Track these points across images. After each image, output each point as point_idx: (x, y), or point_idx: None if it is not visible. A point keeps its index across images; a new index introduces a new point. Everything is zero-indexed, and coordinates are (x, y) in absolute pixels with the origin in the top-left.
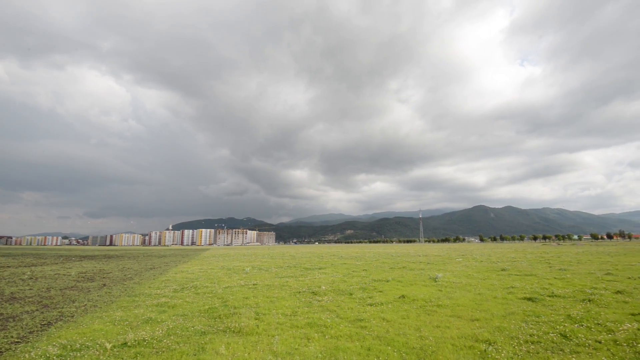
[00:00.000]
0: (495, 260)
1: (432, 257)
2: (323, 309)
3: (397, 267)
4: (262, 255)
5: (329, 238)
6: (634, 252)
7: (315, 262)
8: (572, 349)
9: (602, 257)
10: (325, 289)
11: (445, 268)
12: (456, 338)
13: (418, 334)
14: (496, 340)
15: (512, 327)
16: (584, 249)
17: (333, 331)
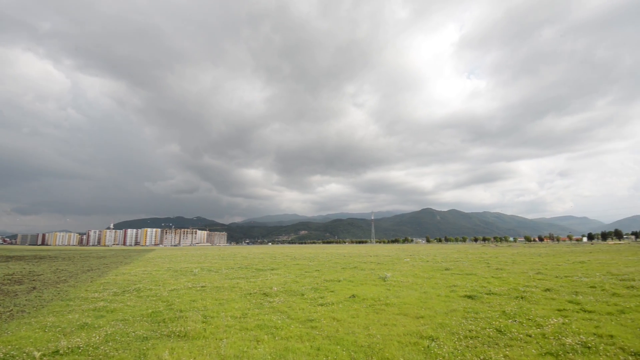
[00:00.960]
0: (440, 260)
1: (382, 258)
2: (274, 310)
3: (348, 268)
4: (212, 256)
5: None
6: (560, 254)
7: (267, 263)
8: (506, 343)
9: (533, 257)
10: (277, 290)
11: (394, 268)
12: (402, 335)
13: (367, 332)
14: (439, 336)
15: (454, 324)
16: (519, 250)
17: (283, 332)
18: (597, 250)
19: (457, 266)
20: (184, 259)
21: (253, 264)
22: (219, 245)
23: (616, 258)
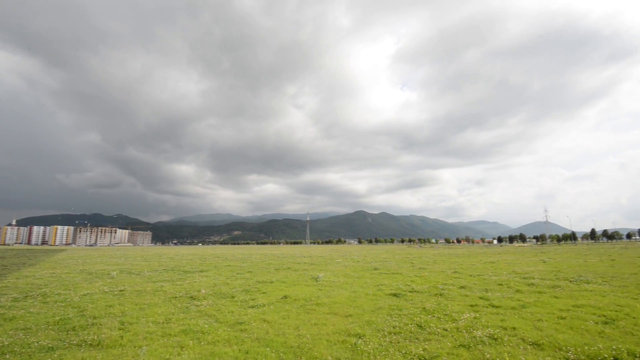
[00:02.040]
0: (370, 260)
1: (316, 258)
2: (201, 314)
3: (282, 268)
4: (134, 257)
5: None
6: (474, 254)
7: (196, 264)
8: (425, 337)
9: (452, 258)
10: (205, 293)
11: (327, 268)
12: (331, 334)
13: (297, 332)
14: (365, 333)
15: (379, 321)
16: (439, 251)
17: (210, 337)
18: (504, 252)
19: (385, 266)
20: (100, 260)
21: (180, 266)
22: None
23: (520, 259)
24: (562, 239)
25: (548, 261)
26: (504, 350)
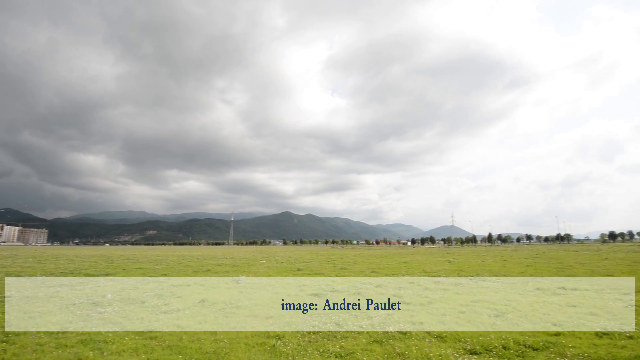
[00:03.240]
0: (294, 261)
1: (239, 260)
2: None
3: (201, 271)
4: (25, 258)
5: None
6: (391, 255)
7: (101, 267)
8: (342, 335)
9: (370, 258)
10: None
11: (250, 270)
12: (250, 337)
13: (214, 337)
14: (285, 334)
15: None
16: (360, 252)
17: (115, 346)
18: (417, 253)
19: (308, 267)
20: None
21: (82, 269)
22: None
23: (429, 259)
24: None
25: (453, 261)
26: (412, 344)
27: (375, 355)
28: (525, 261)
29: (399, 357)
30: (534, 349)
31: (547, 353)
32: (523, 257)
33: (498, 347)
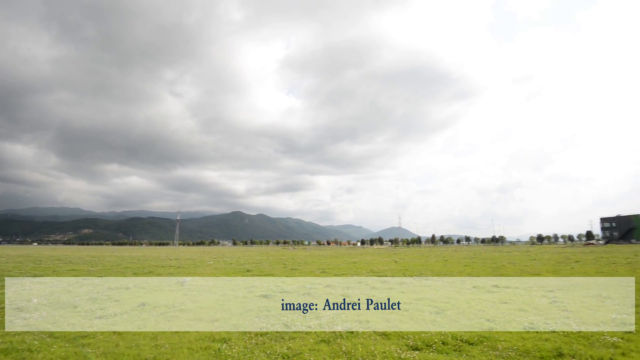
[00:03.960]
0: (243, 262)
1: (184, 261)
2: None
3: (142, 272)
4: None
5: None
6: (341, 255)
7: (27, 268)
8: (290, 336)
9: (321, 259)
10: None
11: (196, 271)
12: (194, 341)
13: (154, 343)
14: (231, 337)
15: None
16: (311, 252)
17: (41, 355)
18: (365, 253)
19: (258, 267)
20: None
21: (4, 270)
22: None
23: (377, 259)
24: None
25: (399, 261)
26: (358, 342)
27: (322, 355)
28: (463, 261)
29: (345, 355)
30: (470, 344)
31: (481, 347)
32: (462, 258)
33: (437, 342)
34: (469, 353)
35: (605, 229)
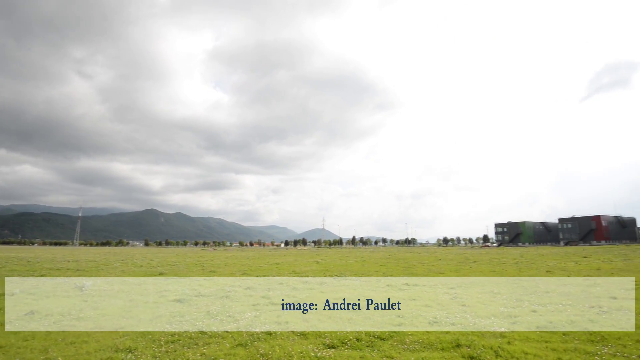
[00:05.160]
0: (156, 264)
1: (85, 263)
2: None
3: (32, 276)
4: None
5: None
6: (263, 257)
7: None
8: (205, 342)
9: (242, 260)
10: None
11: (99, 274)
12: (93, 352)
13: (44, 356)
14: (138, 346)
15: (157, 330)
16: (232, 253)
17: None
18: (289, 254)
19: (173, 270)
20: None
21: None
22: None
23: (300, 260)
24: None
25: (320, 262)
26: (276, 344)
27: (239, 359)
28: (380, 261)
29: (263, 358)
30: (381, 339)
31: (392, 342)
32: (378, 258)
33: (352, 339)
34: (380, 347)
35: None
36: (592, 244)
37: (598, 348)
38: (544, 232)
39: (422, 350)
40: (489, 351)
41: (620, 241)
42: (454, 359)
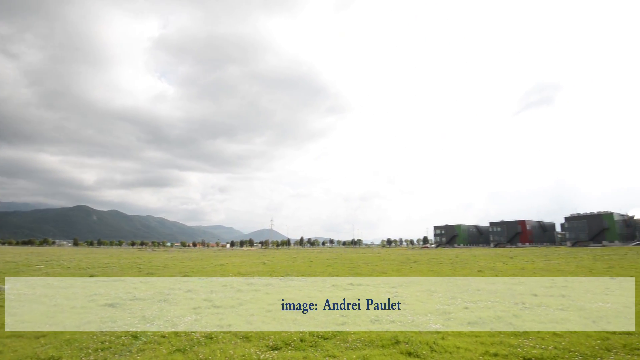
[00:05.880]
0: (86, 266)
1: (3, 264)
2: None
3: None
4: None
5: None
6: (207, 258)
7: None
8: (139, 348)
9: (184, 262)
10: None
11: (18, 278)
12: None
13: None
14: (63, 355)
15: (85, 337)
16: (173, 254)
17: None
18: (234, 255)
19: (106, 272)
20: None
21: None
22: None
23: (246, 261)
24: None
25: (267, 263)
26: (217, 348)
27: None
28: (326, 262)
29: None
30: (325, 339)
31: (335, 341)
32: (325, 259)
33: (296, 340)
34: (324, 347)
35: (437, 235)
36: (518, 245)
37: (520, 341)
38: (477, 235)
39: (364, 348)
40: (424, 346)
41: (541, 243)
42: (392, 355)
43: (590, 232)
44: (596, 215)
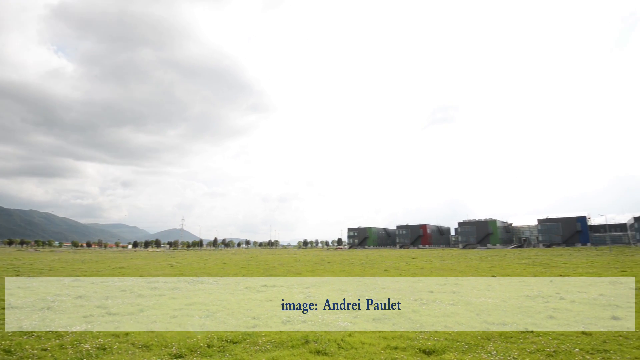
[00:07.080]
0: None
1: None
2: None
3: None
4: None
5: None
6: (104, 260)
7: None
8: None
9: (76, 264)
10: None
11: None
12: None
13: None
14: None
15: None
16: (62, 256)
17: None
18: (137, 257)
19: None
20: None
21: None
22: None
23: (150, 263)
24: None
25: (175, 265)
26: (112, 359)
27: None
28: (241, 263)
29: None
30: (234, 343)
31: (245, 344)
32: (240, 260)
33: (203, 346)
34: (232, 352)
35: (350, 237)
36: (420, 247)
37: (417, 334)
38: (386, 237)
39: (274, 350)
40: (333, 344)
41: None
42: (302, 355)
43: (478, 236)
44: (483, 221)
